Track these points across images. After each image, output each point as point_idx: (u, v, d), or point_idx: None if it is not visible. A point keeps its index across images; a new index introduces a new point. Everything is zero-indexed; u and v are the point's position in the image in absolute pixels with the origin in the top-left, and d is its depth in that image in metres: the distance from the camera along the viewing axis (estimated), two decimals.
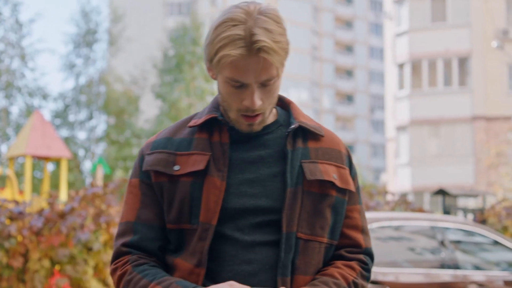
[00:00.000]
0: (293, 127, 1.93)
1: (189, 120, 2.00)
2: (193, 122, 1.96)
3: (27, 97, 29.77)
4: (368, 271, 1.98)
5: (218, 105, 1.97)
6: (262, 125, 1.93)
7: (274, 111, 2.00)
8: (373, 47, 74.37)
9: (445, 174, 31.44)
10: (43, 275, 7.84)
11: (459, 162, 32.05)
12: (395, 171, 34.42)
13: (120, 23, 33.98)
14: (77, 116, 31.83)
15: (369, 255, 2.01)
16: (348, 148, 2.05)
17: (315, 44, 69.15)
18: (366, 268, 1.97)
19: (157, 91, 32.28)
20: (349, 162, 2.02)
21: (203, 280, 1.85)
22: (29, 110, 29.16)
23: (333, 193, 1.93)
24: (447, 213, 13.82)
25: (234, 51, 1.79)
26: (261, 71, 1.81)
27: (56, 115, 31.37)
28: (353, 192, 1.99)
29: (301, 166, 1.91)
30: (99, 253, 8.02)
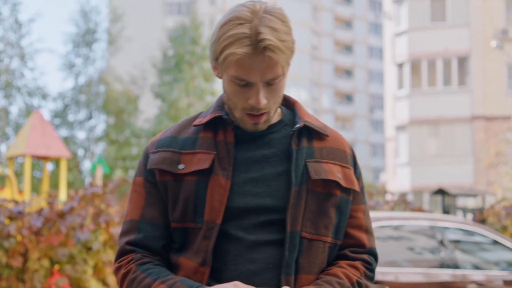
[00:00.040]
0: (298, 127, 1.93)
1: (194, 119, 2.00)
2: (198, 121, 1.96)
3: (26, 97, 29.78)
4: (372, 271, 1.98)
5: (223, 104, 1.97)
6: (267, 124, 1.92)
7: (278, 110, 2.00)
8: (373, 46, 74.34)
9: (444, 173, 31.44)
10: (43, 275, 7.83)
11: (458, 161, 32.05)
12: (394, 170, 34.42)
13: (119, 23, 33.98)
14: (76, 115, 31.83)
15: (373, 255, 2.00)
16: (352, 148, 2.05)
17: (314, 43, 69.13)
18: (370, 268, 1.97)
19: (157, 90, 32.27)
20: (354, 162, 2.02)
21: (207, 279, 1.84)
22: (28, 109, 29.16)
23: (337, 192, 1.93)
24: (446, 213, 13.81)
25: (240, 50, 1.79)
26: (266, 70, 1.81)
27: (55, 115, 31.37)
28: (357, 192, 1.99)
29: (305, 165, 1.90)
30: (98, 252, 8.01)
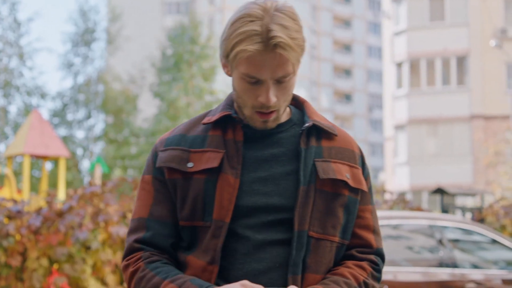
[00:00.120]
0: (307, 126, 1.93)
1: (203, 117, 2.00)
2: (207, 119, 1.96)
3: (25, 96, 29.77)
4: (379, 271, 1.97)
5: (232, 102, 1.97)
6: (276, 122, 1.93)
7: (287, 109, 2.00)
8: (371, 46, 74.34)
9: (443, 173, 31.45)
10: (41, 274, 7.83)
11: (457, 161, 32.06)
12: (393, 170, 34.43)
13: (118, 22, 33.94)
14: (75, 115, 31.81)
15: (380, 255, 2.00)
16: (361, 148, 2.05)
17: (313, 43, 69.13)
18: (377, 268, 1.97)
19: (155, 90, 32.24)
20: (362, 162, 2.02)
21: (215, 278, 1.84)
22: (27, 109, 29.15)
23: (345, 192, 1.93)
24: (445, 212, 13.82)
25: (250, 47, 1.79)
26: (277, 67, 1.81)
27: (54, 114, 31.35)
28: (365, 192, 1.99)
29: (314, 164, 1.91)
30: (97, 252, 8.01)
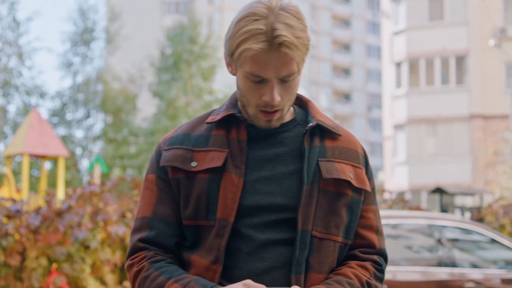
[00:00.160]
0: (311, 125, 1.93)
1: (207, 116, 2.00)
2: (211, 118, 1.96)
3: (24, 96, 29.76)
4: (381, 272, 1.97)
5: (236, 101, 1.97)
6: (280, 122, 1.93)
7: (291, 109, 2.00)
8: (371, 45, 74.33)
9: (442, 172, 31.45)
10: (41, 274, 7.83)
11: (456, 160, 32.06)
12: (392, 169, 34.44)
13: (117, 22, 33.93)
14: (74, 114, 31.80)
15: (383, 256, 2.00)
16: (364, 148, 2.05)
17: (312, 42, 69.06)
18: (379, 269, 1.97)
19: (155, 89, 32.23)
20: (365, 162, 2.02)
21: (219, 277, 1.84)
22: (26, 108, 29.14)
23: (349, 192, 1.93)
24: (444, 212, 13.83)
25: (255, 45, 1.79)
26: (281, 66, 1.81)
27: (53, 114, 31.34)
28: (368, 192, 1.99)
29: (317, 164, 1.91)
30: (96, 251, 8.01)
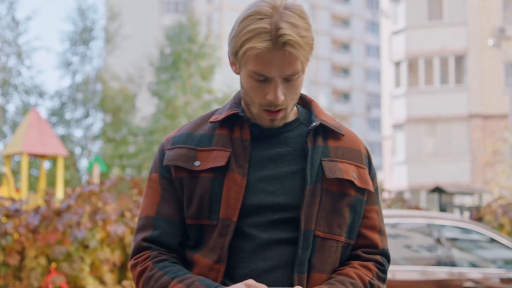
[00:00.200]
0: (314, 125, 1.93)
1: (210, 115, 2.00)
2: (214, 117, 1.96)
3: (23, 95, 29.75)
4: (384, 272, 1.97)
5: (239, 100, 1.98)
6: (283, 121, 1.93)
7: (295, 109, 2.00)
8: (370, 45, 74.33)
9: (441, 172, 31.46)
10: (40, 273, 7.83)
11: (455, 160, 32.07)
12: (391, 169, 34.44)
13: (116, 21, 33.92)
14: (73, 114, 31.79)
15: (386, 256, 2.00)
16: (367, 148, 2.05)
17: None
18: (382, 269, 1.97)
19: (154, 89, 32.21)
20: (369, 162, 2.02)
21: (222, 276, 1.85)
22: (25, 108, 29.13)
23: (352, 192, 1.93)
24: (443, 211, 13.84)
25: (259, 44, 1.79)
26: (285, 65, 1.81)
27: (52, 113, 31.33)
28: (371, 192, 1.99)
29: (321, 164, 1.90)
30: (95, 250, 8.01)
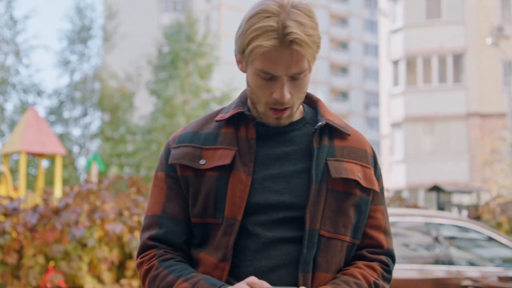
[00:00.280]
0: (320, 125, 1.93)
1: (216, 114, 2.00)
2: (220, 116, 1.96)
3: (21, 94, 29.71)
4: (389, 272, 1.97)
5: (245, 99, 1.98)
6: (289, 120, 1.93)
7: (301, 108, 2.00)
8: (368, 44, 74.34)
9: (439, 170, 31.48)
10: (38, 271, 7.83)
11: (453, 159, 32.09)
12: (389, 167, 34.45)
13: (114, 20, 33.88)
14: (71, 112, 31.74)
15: (391, 256, 2.00)
16: (373, 148, 2.05)
17: None
18: (387, 269, 1.97)
19: (152, 87, 32.18)
20: (374, 162, 2.02)
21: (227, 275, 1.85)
22: (23, 106, 29.10)
23: (357, 192, 1.93)
24: (441, 210, 13.85)
25: (266, 42, 1.79)
26: (292, 64, 1.81)
27: (50, 112, 31.28)
28: (377, 192, 1.99)
29: (326, 163, 1.90)
30: (93, 249, 8.00)
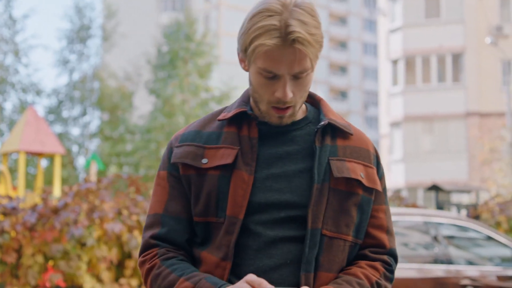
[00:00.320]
0: (322, 124, 1.93)
1: (219, 113, 2.01)
2: (223, 115, 1.97)
3: (20, 93, 29.68)
4: (391, 272, 1.97)
5: (248, 98, 1.98)
6: (292, 118, 1.93)
7: (303, 107, 2.00)
8: (367, 43, 74.35)
9: (438, 170, 31.48)
10: (37, 271, 7.83)
11: (452, 158, 32.09)
12: (389, 167, 34.46)
13: (113, 19, 33.86)
14: (70, 112, 31.72)
15: (393, 256, 2.00)
16: (376, 148, 2.05)
17: None
18: (389, 269, 1.97)
19: (151, 87, 32.16)
20: (377, 162, 2.02)
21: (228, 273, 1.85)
22: (22, 106, 29.07)
23: (359, 191, 1.93)
24: (440, 209, 13.85)
25: (269, 41, 1.79)
26: (294, 63, 1.81)
27: (49, 111, 31.26)
28: (379, 192, 1.99)
29: (328, 163, 1.90)
30: (92, 248, 8.00)
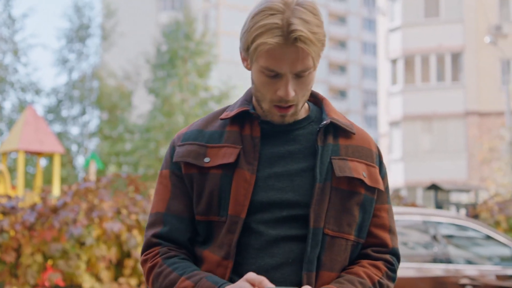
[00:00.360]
0: (325, 123, 1.93)
1: (221, 112, 2.01)
2: (225, 114, 1.97)
3: (19, 92, 29.67)
4: (394, 271, 1.97)
5: (250, 97, 1.98)
6: (294, 117, 1.93)
7: (306, 106, 2.00)
8: (366, 42, 74.35)
9: (438, 169, 31.49)
10: (36, 270, 7.82)
11: (452, 157, 32.10)
12: (388, 166, 34.47)
13: (113, 18, 33.85)
14: (70, 111, 31.71)
15: (396, 255, 2.00)
16: (378, 147, 2.04)
17: None
18: (392, 268, 1.97)
19: (150, 86, 32.15)
20: (379, 161, 2.02)
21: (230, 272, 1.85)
22: (21, 105, 29.07)
23: (361, 191, 1.93)
24: (439, 208, 13.84)
25: (271, 40, 1.79)
26: (296, 61, 1.81)
27: (49, 110, 31.26)
28: (382, 191, 1.99)
29: (330, 162, 1.90)
30: (91, 247, 8.00)
